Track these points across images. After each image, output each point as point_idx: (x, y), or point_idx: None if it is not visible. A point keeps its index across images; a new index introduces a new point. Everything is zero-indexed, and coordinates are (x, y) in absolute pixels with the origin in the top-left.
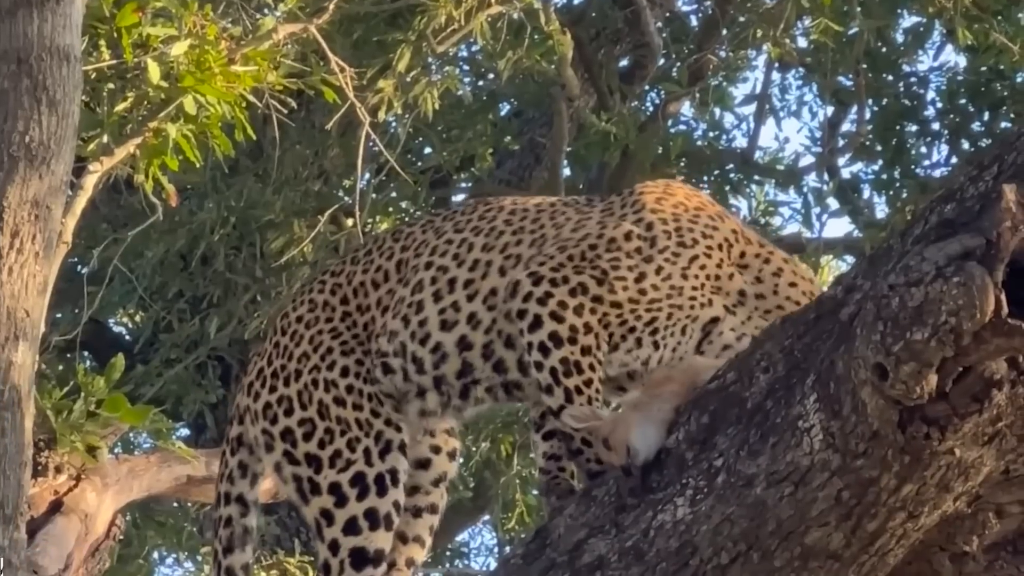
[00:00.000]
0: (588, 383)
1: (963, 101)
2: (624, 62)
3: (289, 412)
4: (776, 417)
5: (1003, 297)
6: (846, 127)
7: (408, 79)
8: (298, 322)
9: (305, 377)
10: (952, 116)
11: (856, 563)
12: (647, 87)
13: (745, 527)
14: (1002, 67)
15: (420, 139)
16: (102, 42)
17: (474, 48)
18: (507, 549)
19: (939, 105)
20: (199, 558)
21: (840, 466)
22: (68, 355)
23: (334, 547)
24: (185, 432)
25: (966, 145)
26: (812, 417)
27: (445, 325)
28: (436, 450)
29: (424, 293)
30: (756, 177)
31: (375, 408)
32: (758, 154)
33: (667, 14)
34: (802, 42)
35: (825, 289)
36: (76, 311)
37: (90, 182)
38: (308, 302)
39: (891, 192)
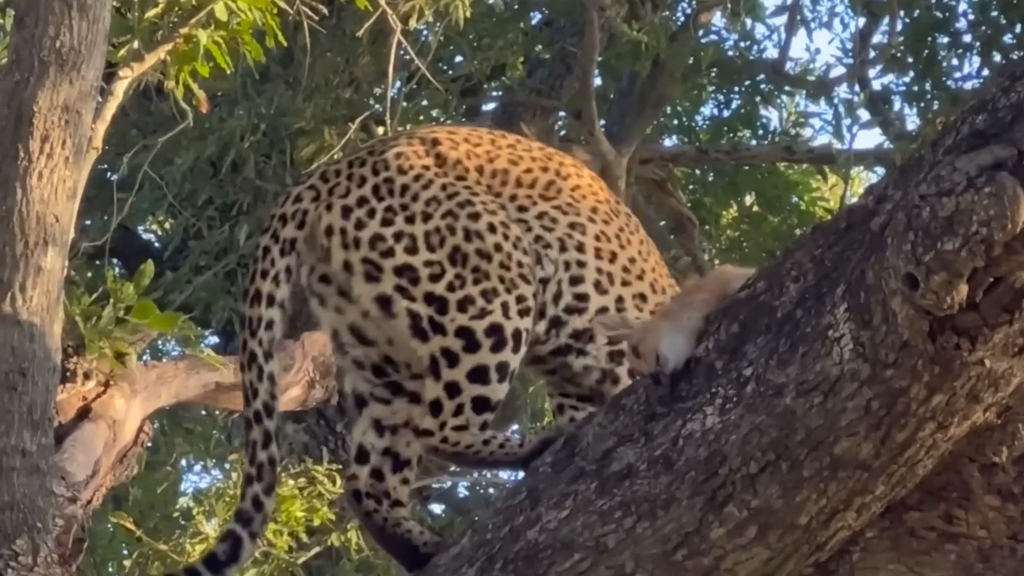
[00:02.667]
0: None
1: (995, 13)
2: None
3: (412, 250)
4: (806, 327)
5: None
6: (877, 38)
7: None
8: (422, 167)
9: (437, 221)
10: (984, 28)
11: (885, 473)
12: None
13: (774, 437)
14: None
15: (451, 47)
16: None
17: None
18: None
19: (971, 17)
20: (227, 466)
21: (870, 376)
22: (97, 262)
23: (453, 389)
24: (214, 340)
25: (997, 57)
26: (842, 327)
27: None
28: None
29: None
30: (787, 88)
31: (524, 275)
32: (789, 65)
33: None
34: None
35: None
36: (105, 218)
37: (120, 88)
38: (434, 155)
39: (922, 104)
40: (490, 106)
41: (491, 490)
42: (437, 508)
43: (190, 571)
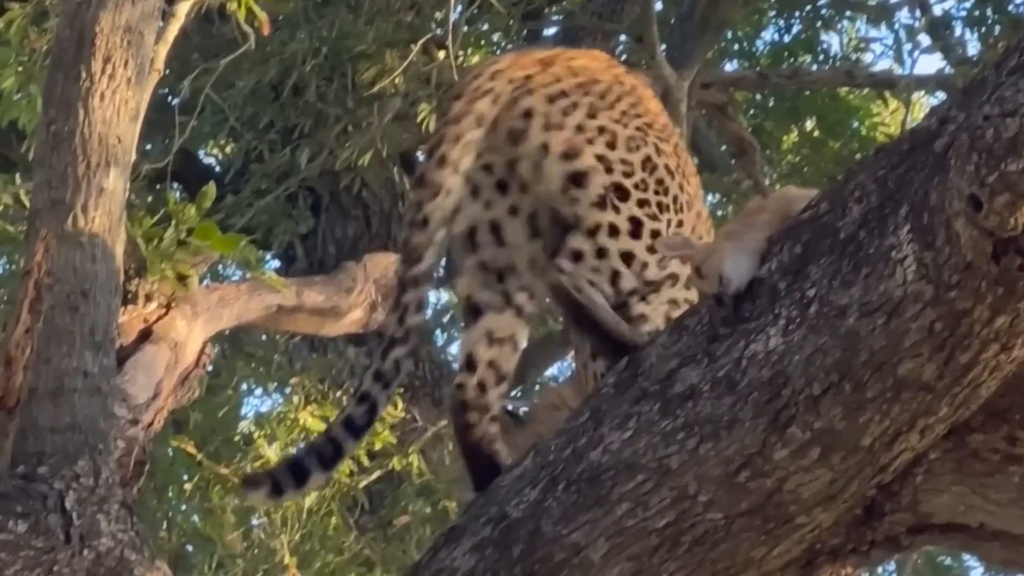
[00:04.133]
0: None
1: None
2: None
3: (612, 146)
4: (869, 248)
5: None
6: None
7: None
8: (613, 77)
9: (632, 130)
10: None
11: (948, 395)
12: None
13: (838, 358)
14: None
15: None
16: None
17: None
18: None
19: None
20: (288, 390)
21: (933, 297)
22: (158, 185)
23: (602, 252)
24: (275, 263)
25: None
26: (905, 248)
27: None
28: None
29: None
30: (848, 13)
31: (677, 207)
32: None
33: None
34: None
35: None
36: (167, 141)
37: (182, 10)
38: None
39: (983, 29)
40: (551, 30)
41: None
42: None
43: (330, 437)
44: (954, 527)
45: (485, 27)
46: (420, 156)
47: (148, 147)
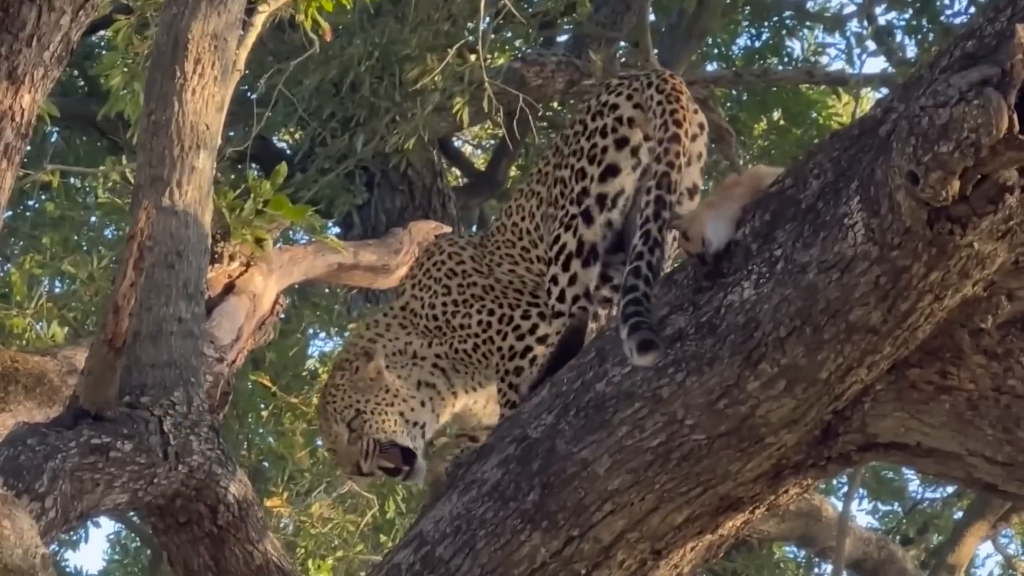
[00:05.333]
0: None
1: None
2: None
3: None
4: (826, 215)
5: (1015, 117)
6: None
7: None
8: None
9: None
10: None
11: (891, 337)
12: None
13: (800, 306)
14: None
15: None
16: None
17: None
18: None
19: None
20: (347, 334)
21: (878, 256)
22: (239, 165)
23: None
24: (336, 229)
25: None
26: (856, 215)
27: None
28: None
29: None
30: (808, 23)
31: None
32: (810, 4)
33: None
34: None
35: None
36: (246, 128)
37: (259, 20)
38: None
39: (919, 36)
40: (563, 37)
41: None
42: None
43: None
44: (896, 446)
45: (509, 34)
46: (455, 141)
47: (231, 133)
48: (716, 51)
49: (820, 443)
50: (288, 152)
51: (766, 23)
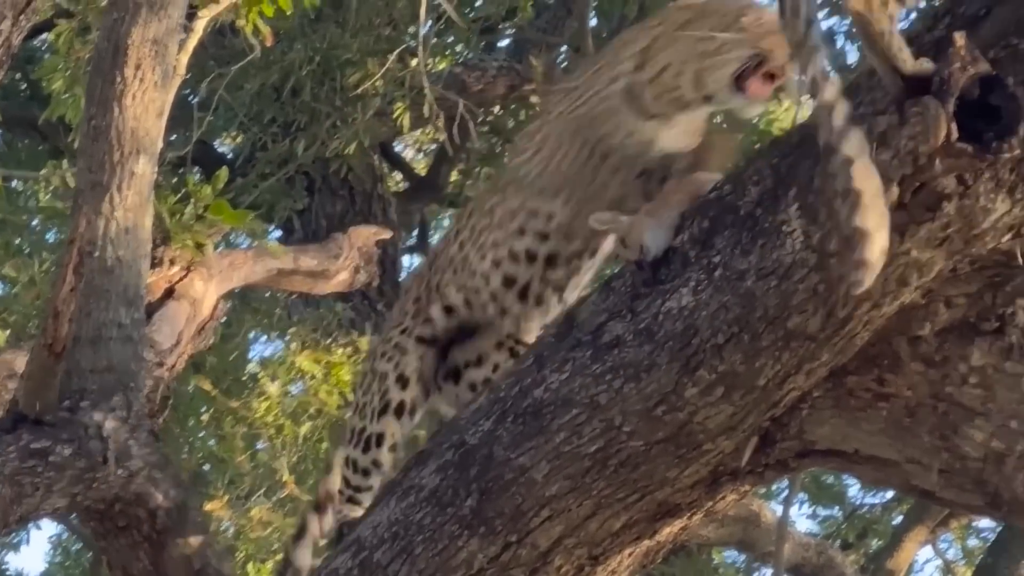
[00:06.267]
0: None
1: None
2: None
3: None
4: (764, 222)
5: (953, 125)
6: None
7: None
8: None
9: None
10: None
11: (829, 344)
12: None
13: (738, 313)
14: None
15: None
16: None
17: None
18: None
19: None
20: (287, 337)
21: (817, 263)
22: (180, 169)
23: None
24: (277, 233)
25: (923, 3)
26: (794, 222)
27: None
28: None
29: None
30: None
31: None
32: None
33: None
34: None
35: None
36: (187, 133)
37: (200, 25)
38: None
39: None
40: (504, 43)
41: None
42: None
43: None
44: (833, 453)
45: (450, 39)
46: (396, 145)
47: (172, 137)
48: None
49: (758, 450)
50: (229, 157)
51: None
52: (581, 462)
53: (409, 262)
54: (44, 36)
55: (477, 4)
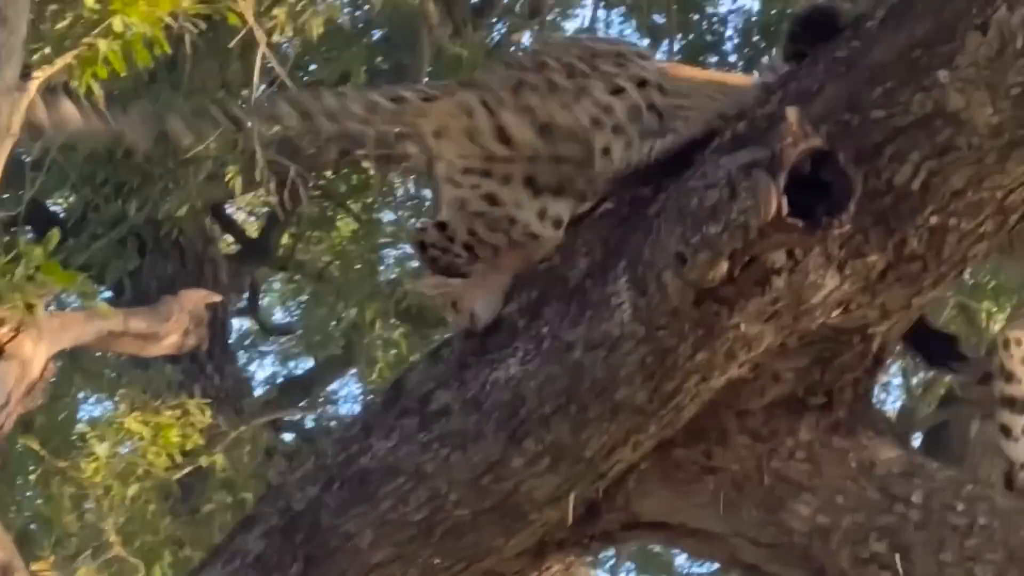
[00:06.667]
0: None
1: (756, 38)
2: None
3: None
4: (593, 294)
5: (784, 200)
6: (660, 56)
7: (298, 8)
8: None
9: None
10: (747, 50)
11: (657, 416)
12: (495, 19)
13: (566, 384)
14: (789, 10)
15: (307, 57)
16: None
17: None
18: (370, 397)
19: (736, 41)
20: (116, 399)
21: (645, 336)
22: (12, 229)
23: None
24: (108, 295)
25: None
26: (623, 295)
27: None
28: None
29: None
30: None
31: None
32: None
33: None
34: None
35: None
36: (20, 192)
37: (34, 86)
38: None
39: None
40: None
41: (333, 422)
42: (287, 436)
43: None
44: (660, 525)
45: None
46: (228, 208)
47: (4, 197)
48: None
49: (584, 521)
50: (61, 217)
51: None
52: (407, 530)
53: (239, 325)
54: None
55: (311, 68)
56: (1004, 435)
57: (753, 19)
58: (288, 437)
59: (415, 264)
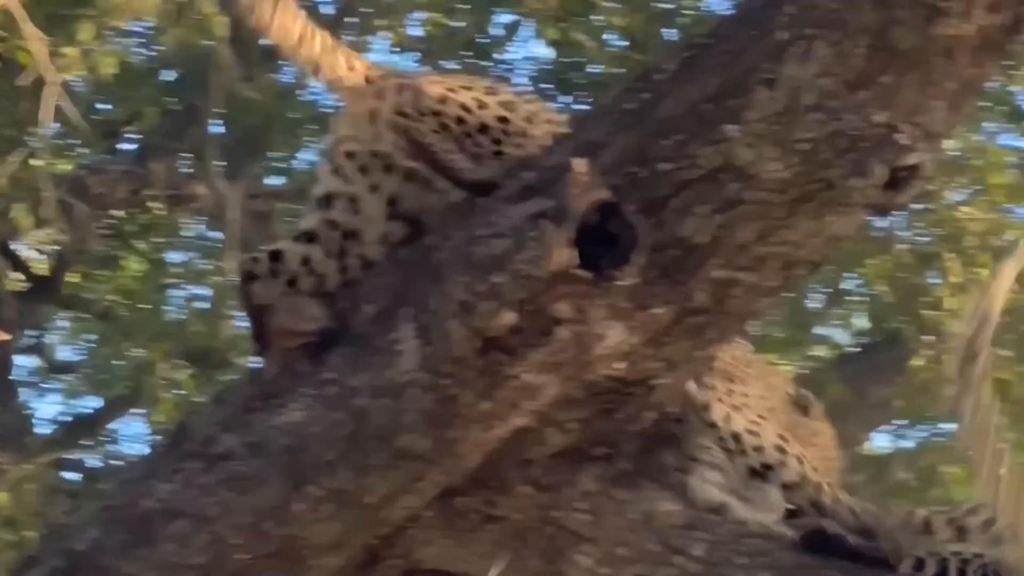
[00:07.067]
0: None
1: (548, 86)
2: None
3: None
4: (378, 341)
5: (574, 251)
6: None
7: (89, 47)
8: None
9: None
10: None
11: (439, 465)
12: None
13: (349, 430)
14: (581, 60)
15: (99, 96)
16: None
17: (146, 24)
18: (155, 438)
19: (529, 89)
20: None
21: (429, 384)
22: None
23: None
24: None
25: None
26: (408, 342)
27: None
28: None
29: None
30: None
31: None
32: None
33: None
34: (417, 31)
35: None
36: None
37: None
38: None
39: None
40: (129, 146)
41: (118, 462)
42: (71, 475)
43: None
44: (440, 573)
45: (73, 142)
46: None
47: None
48: (281, 165)
49: (364, 567)
50: None
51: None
52: (188, 573)
53: (26, 362)
54: None
55: (101, 108)
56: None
57: (546, 67)
58: (72, 476)
59: (202, 305)
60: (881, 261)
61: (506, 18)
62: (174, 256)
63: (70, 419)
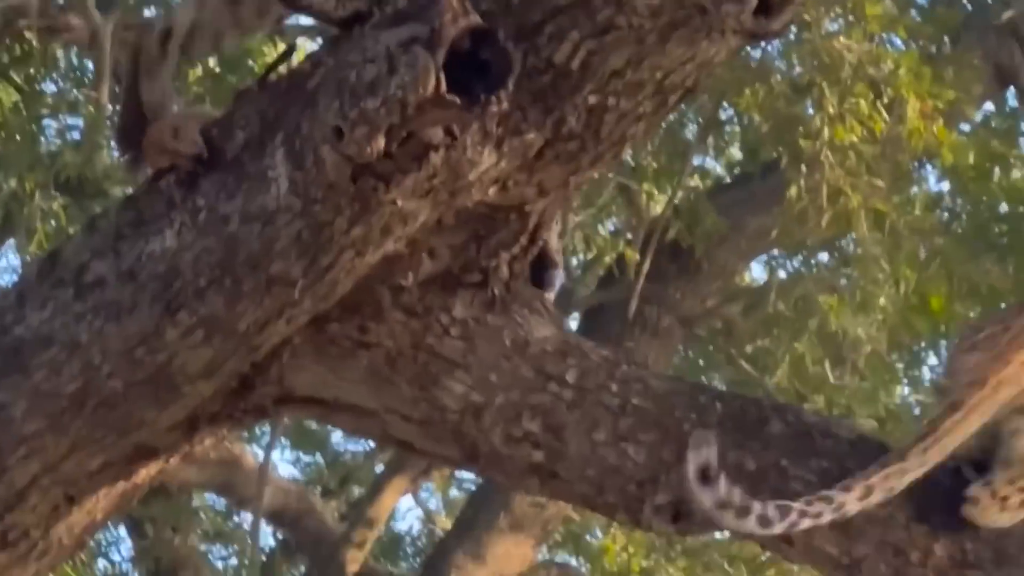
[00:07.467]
0: None
1: None
2: None
3: None
4: (250, 167)
5: (442, 76)
6: None
7: None
8: None
9: None
10: None
11: (311, 291)
12: None
13: (221, 257)
14: None
15: None
16: None
17: None
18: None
19: None
20: None
21: (301, 210)
22: None
23: None
24: None
25: None
26: (280, 168)
27: None
28: None
29: None
30: None
31: None
32: None
33: None
34: None
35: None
36: None
37: None
38: None
39: None
40: None
41: None
42: None
43: None
44: (313, 400)
45: None
46: None
47: None
48: None
49: (236, 394)
50: None
51: None
52: (60, 401)
53: None
54: None
55: None
56: None
57: None
58: None
59: (77, 136)
60: (756, 91)
61: None
62: (48, 86)
63: None
